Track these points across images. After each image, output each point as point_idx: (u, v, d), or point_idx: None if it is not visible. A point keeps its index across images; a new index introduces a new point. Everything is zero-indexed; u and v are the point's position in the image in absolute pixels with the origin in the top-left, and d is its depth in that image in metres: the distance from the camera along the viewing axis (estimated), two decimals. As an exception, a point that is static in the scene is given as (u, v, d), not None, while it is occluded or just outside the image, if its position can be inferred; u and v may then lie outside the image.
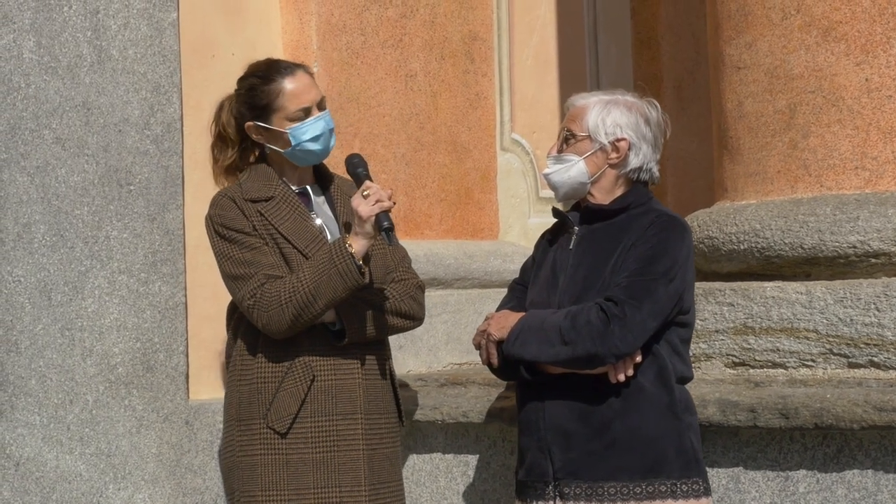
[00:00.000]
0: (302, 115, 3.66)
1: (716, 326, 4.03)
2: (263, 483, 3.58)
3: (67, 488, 4.47)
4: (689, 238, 3.45)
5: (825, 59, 4.04)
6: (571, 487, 3.38)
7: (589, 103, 3.54)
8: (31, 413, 4.41)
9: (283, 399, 3.57)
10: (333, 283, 3.50)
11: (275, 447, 3.58)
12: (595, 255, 3.46)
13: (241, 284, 3.58)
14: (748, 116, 4.21)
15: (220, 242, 3.63)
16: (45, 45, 4.49)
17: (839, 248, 3.91)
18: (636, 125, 3.51)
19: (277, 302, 3.51)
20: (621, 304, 3.29)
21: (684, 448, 3.38)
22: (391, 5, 5.28)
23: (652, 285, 3.32)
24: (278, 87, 3.66)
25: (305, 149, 3.67)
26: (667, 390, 3.39)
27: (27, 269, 4.42)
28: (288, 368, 3.59)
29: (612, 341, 3.28)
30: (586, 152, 3.51)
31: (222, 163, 3.78)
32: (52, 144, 4.49)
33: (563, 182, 3.53)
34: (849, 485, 3.63)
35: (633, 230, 3.42)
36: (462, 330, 5.27)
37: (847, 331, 3.81)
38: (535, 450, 3.45)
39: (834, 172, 4.04)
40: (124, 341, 4.61)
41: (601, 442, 3.36)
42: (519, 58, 5.88)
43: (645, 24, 6.33)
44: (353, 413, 3.61)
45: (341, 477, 3.59)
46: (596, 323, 3.29)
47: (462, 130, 5.55)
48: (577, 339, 3.30)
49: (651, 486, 3.33)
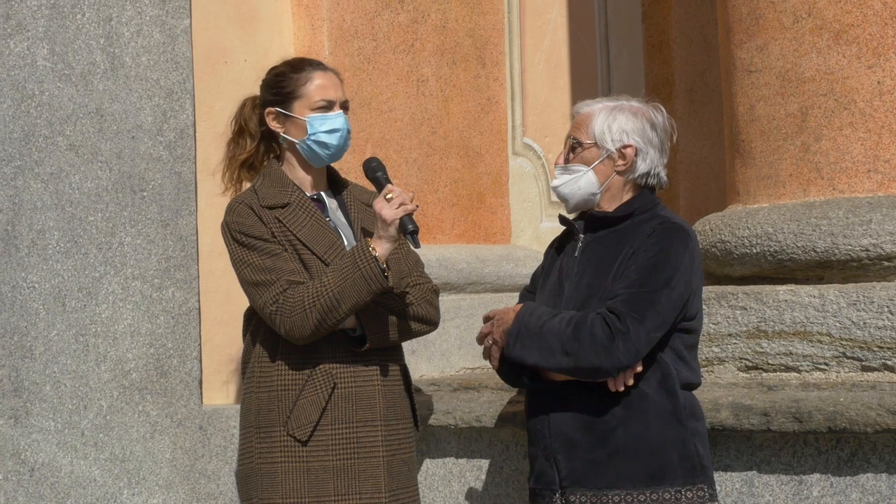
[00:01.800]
0: (325, 106, 3.67)
1: (728, 330, 4.03)
2: (284, 491, 3.58)
3: (82, 493, 4.49)
4: (692, 244, 3.42)
5: (837, 62, 4.03)
6: (577, 496, 3.38)
7: (594, 110, 3.54)
8: (45, 419, 4.43)
9: (304, 407, 3.57)
10: (358, 288, 3.49)
11: (295, 455, 3.58)
12: (598, 262, 3.45)
13: (262, 291, 3.56)
14: (760, 120, 4.21)
15: (239, 249, 3.62)
16: (59, 53, 4.50)
17: (852, 252, 3.90)
18: (642, 130, 3.50)
19: (301, 307, 3.50)
20: (623, 317, 3.28)
21: (689, 454, 3.37)
22: (402, 10, 5.29)
23: (654, 297, 3.31)
24: (307, 77, 3.67)
25: (320, 140, 3.65)
26: (670, 397, 3.38)
27: (41, 276, 4.44)
28: (308, 376, 3.58)
29: (616, 356, 3.28)
30: (594, 161, 3.50)
31: (238, 155, 3.77)
32: (66, 151, 4.51)
33: (573, 193, 3.52)
34: (863, 488, 3.63)
35: (636, 237, 3.41)
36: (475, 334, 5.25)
37: (860, 334, 3.80)
38: (542, 458, 3.46)
39: (846, 175, 4.04)
40: (138, 347, 4.62)
41: (605, 450, 3.36)
42: (530, 62, 5.88)
43: (656, 28, 6.33)
44: (373, 420, 3.61)
45: (362, 484, 3.59)
46: (600, 336, 3.28)
47: (474, 135, 5.55)
48: (580, 351, 3.30)
49: (655, 494, 3.33)
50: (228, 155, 3.80)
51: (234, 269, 3.65)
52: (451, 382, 4.56)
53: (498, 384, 4.32)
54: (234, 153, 3.78)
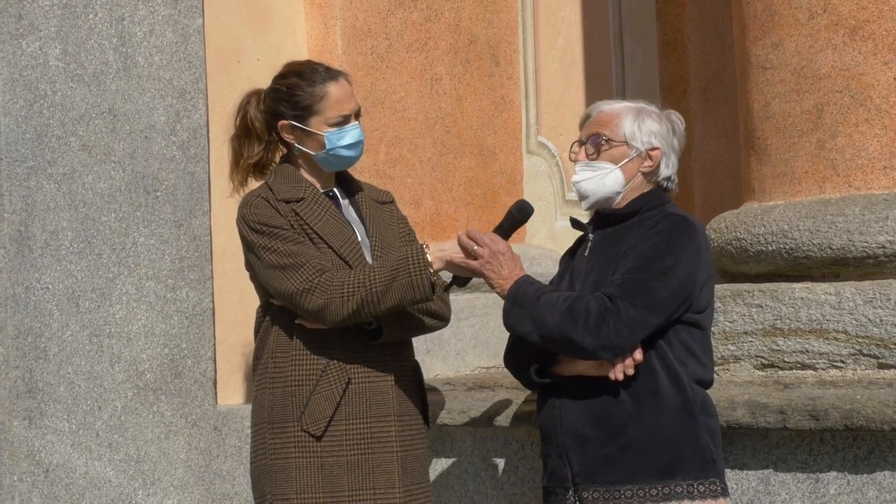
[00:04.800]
0: (341, 122, 3.66)
1: (744, 328, 4.01)
2: (298, 486, 3.58)
3: (97, 494, 4.49)
4: (698, 237, 3.41)
5: (852, 59, 4.02)
6: (590, 492, 3.38)
7: (620, 110, 3.52)
8: (60, 420, 4.43)
9: (318, 402, 3.57)
10: (402, 291, 3.50)
11: (310, 450, 3.58)
12: (605, 258, 3.46)
13: (290, 274, 3.54)
14: (775, 117, 4.20)
15: (260, 237, 3.59)
16: (72, 53, 4.51)
17: (868, 249, 3.89)
18: (667, 135, 3.52)
19: (341, 292, 3.50)
20: (614, 299, 3.29)
21: (700, 448, 3.36)
22: (416, 9, 5.28)
23: (649, 283, 3.30)
24: (323, 91, 3.65)
25: (339, 154, 3.67)
26: (680, 391, 3.37)
27: (55, 276, 4.44)
28: (322, 371, 3.58)
29: (605, 335, 3.27)
30: (622, 159, 3.49)
31: (248, 158, 3.76)
32: (79, 151, 4.51)
33: (597, 190, 3.50)
34: (880, 486, 3.61)
35: (641, 229, 3.42)
36: (490, 333, 5.27)
37: (877, 331, 3.79)
38: (554, 456, 3.47)
39: (862, 172, 4.02)
40: (152, 347, 4.62)
41: (616, 445, 3.35)
42: (544, 60, 5.87)
43: (670, 26, 6.31)
44: (387, 415, 3.62)
45: (376, 479, 3.59)
46: (594, 314, 3.28)
47: (488, 134, 5.54)
48: (570, 324, 3.30)
49: (667, 488, 3.32)
50: (235, 154, 3.78)
51: (254, 256, 3.62)
52: (466, 381, 4.56)
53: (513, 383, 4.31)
54: (242, 154, 3.76)
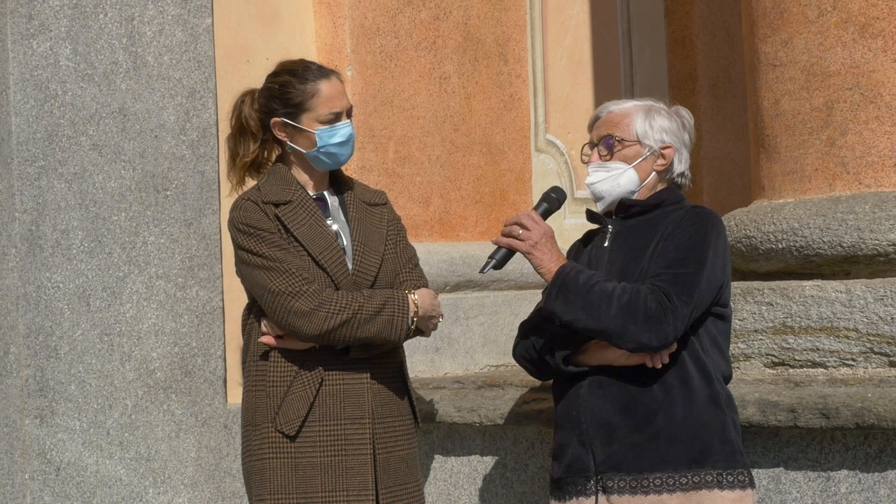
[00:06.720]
0: (332, 119, 3.68)
1: (755, 326, 4.01)
2: (272, 486, 3.59)
3: (107, 493, 4.50)
4: (724, 231, 3.45)
5: (862, 56, 4.01)
6: (615, 480, 3.36)
7: (629, 109, 3.52)
8: (70, 418, 4.44)
9: (292, 402, 3.59)
10: (382, 326, 3.57)
11: (284, 450, 3.60)
12: (631, 247, 3.45)
13: (275, 276, 3.57)
14: (785, 114, 4.19)
15: (248, 239, 3.62)
16: (82, 53, 4.51)
17: (879, 246, 3.88)
18: (678, 131, 3.53)
19: (329, 306, 3.53)
20: (672, 297, 3.28)
21: (729, 439, 3.37)
22: (424, 8, 5.28)
23: (695, 277, 3.32)
24: (314, 88, 3.67)
25: (330, 152, 3.68)
26: (708, 382, 3.38)
27: (66, 275, 4.45)
28: (297, 372, 3.61)
29: (665, 332, 3.27)
30: (636, 159, 3.49)
31: (244, 157, 3.77)
32: (89, 151, 4.52)
33: (612, 190, 3.51)
34: (891, 485, 3.61)
35: (669, 222, 3.43)
36: (499, 332, 5.27)
37: (888, 329, 3.78)
38: (575, 444, 3.43)
39: (872, 170, 4.01)
40: (162, 346, 4.63)
41: (645, 433, 3.34)
42: (553, 58, 5.87)
43: (679, 23, 6.30)
44: (361, 417, 3.62)
45: (349, 481, 3.59)
46: (654, 311, 3.27)
47: (496, 132, 5.54)
48: (631, 320, 3.28)
49: (697, 477, 3.32)
50: (231, 154, 3.80)
51: (241, 256, 3.65)
52: (476, 380, 4.56)
53: (522, 381, 4.31)
54: (238, 153, 3.78)
